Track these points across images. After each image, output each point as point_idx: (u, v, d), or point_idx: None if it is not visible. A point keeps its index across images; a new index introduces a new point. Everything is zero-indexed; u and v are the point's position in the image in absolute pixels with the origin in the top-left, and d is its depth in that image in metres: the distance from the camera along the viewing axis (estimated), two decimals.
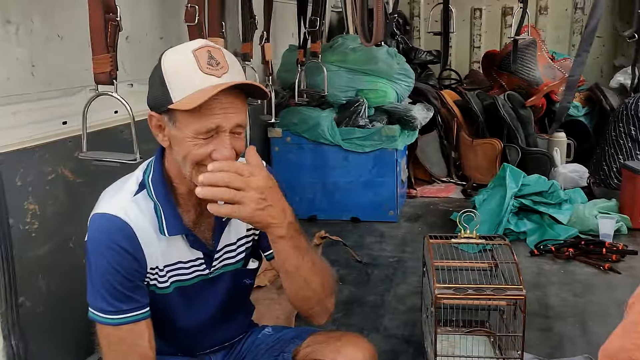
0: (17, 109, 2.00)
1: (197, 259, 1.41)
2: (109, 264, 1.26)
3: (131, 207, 1.30)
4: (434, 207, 4.42)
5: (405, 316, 2.68)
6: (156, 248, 1.34)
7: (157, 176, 1.35)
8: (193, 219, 1.39)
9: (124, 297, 1.27)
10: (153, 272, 1.36)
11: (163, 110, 1.23)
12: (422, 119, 4.01)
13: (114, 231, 1.26)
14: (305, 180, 4.08)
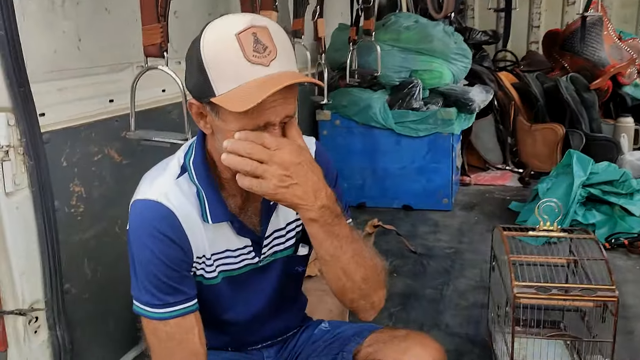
0: (63, 84, 1.89)
1: (245, 246, 1.30)
2: (153, 254, 1.16)
3: (174, 192, 1.19)
4: (489, 195, 4.18)
5: (467, 313, 2.49)
6: (202, 235, 1.23)
7: (198, 158, 1.23)
8: (239, 204, 1.27)
9: (170, 289, 1.18)
10: (200, 261, 1.25)
11: (205, 101, 1.11)
12: (481, 102, 3.76)
13: (157, 218, 1.16)
14: (355, 166, 3.91)
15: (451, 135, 3.72)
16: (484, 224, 3.58)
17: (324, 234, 1.15)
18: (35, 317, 1.53)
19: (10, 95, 1.40)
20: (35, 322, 1.53)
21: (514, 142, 4.68)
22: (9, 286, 1.47)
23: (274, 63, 1.06)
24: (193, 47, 1.11)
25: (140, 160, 2.08)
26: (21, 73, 1.41)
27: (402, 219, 3.72)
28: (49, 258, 1.52)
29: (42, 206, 1.49)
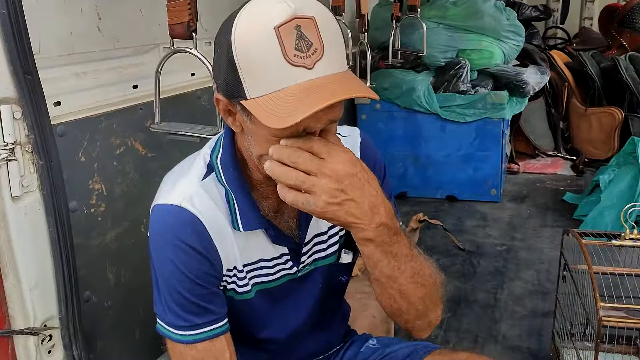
0: (80, 69, 1.70)
1: (281, 255, 1.15)
2: (176, 268, 1.03)
3: (199, 195, 1.05)
4: (540, 185, 3.89)
5: (527, 322, 2.25)
6: (232, 244, 1.09)
7: (226, 156, 1.08)
8: (273, 207, 1.12)
9: (196, 309, 1.06)
10: (231, 274, 1.11)
11: (234, 101, 0.96)
12: (535, 84, 3.46)
13: (180, 226, 1.03)
14: (396, 153, 3.66)
15: (502, 120, 3.43)
16: (537, 217, 3.30)
17: (380, 254, 1.01)
18: (49, 335, 1.35)
19: (15, 84, 1.21)
20: (48, 341, 1.36)
21: (567, 127, 4.37)
22: (18, 302, 1.29)
23: (319, 65, 0.87)
24: (223, 33, 0.92)
25: (167, 153, 1.89)
26: (27, 58, 1.21)
27: (446, 210, 3.47)
28: (63, 269, 1.34)
29: (54, 211, 1.31)
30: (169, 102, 1.95)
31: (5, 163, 1.21)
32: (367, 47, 2.74)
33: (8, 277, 1.27)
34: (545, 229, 3.14)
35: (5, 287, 1.27)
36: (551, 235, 3.03)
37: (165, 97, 1.95)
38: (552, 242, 2.95)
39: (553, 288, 2.31)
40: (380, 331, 2.15)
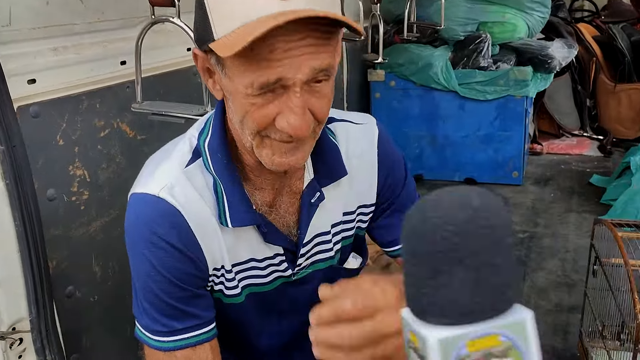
0: (59, 43, 1.54)
1: (275, 255, 1.01)
2: (152, 267, 0.91)
3: (181, 184, 0.92)
4: (565, 167, 3.68)
5: (552, 318, 2.07)
6: (219, 241, 0.95)
7: (216, 140, 0.94)
8: (268, 201, 0.98)
9: (176, 312, 0.93)
10: (218, 274, 0.98)
11: (205, 48, 0.84)
12: (562, 59, 3.23)
13: (157, 219, 0.90)
14: (411, 133, 3.47)
15: (525, 98, 3.23)
16: (562, 202, 3.10)
17: None
18: (18, 339, 1.22)
19: None
20: (18, 345, 1.23)
21: (594, 105, 4.15)
22: None
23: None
24: None
25: (159, 135, 1.74)
26: None
27: None
28: (32, 267, 1.20)
29: (20, 201, 1.17)
30: (160, 80, 1.79)
31: None
32: (380, 20, 2.54)
33: None
34: (570, 214, 2.94)
35: None
36: (577, 222, 2.84)
37: (158, 73, 1.80)
38: (578, 228, 2.76)
39: (580, 279, 2.13)
40: None
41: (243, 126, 0.85)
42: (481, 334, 0.46)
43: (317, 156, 1.00)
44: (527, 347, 0.45)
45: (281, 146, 0.84)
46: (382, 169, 1.06)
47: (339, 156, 1.01)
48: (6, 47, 1.39)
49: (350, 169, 1.02)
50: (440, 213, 0.48)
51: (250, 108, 0.81)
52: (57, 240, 1.48)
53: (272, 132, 0.83)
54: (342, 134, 1.04)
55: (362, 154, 1.05)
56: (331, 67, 0.81)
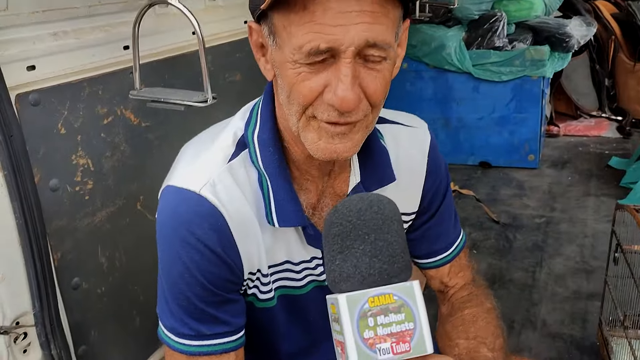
0: (59, 27, 1.49)
1: (312, 258, 0.97)
2: (186, 269, 0.87)
3: (224, 181, 0.87)
4: (583, 149, 3.59)
5: (569, 306, 2.02)
6: (258, 243, 0.91)
7: (266, 133, 0.89)
8: (312, 203, 0.94)
9: (206, 317, 0.89)
10: (253, 278, 0.94)
11: (261, 16, 0.81)
12: (580, 38, 3.13)
13: (196, 219, 0.85)
14: (424, 116, 3.29)
15: (542, 79, 3.14)
16: (580, 185, 3.03)
17: None
18: (23, 333, 1.20)
19: None
20: (23, 339, 1.20)
21: (613, 85, 4.04)
22: None
23: None
24: None
25: (165, 121, 1.69)
26: None
27: (479, 178, 3.22)
28: (34, 260, 1.17)
29: (19, 193, 1.13)
30: (164, 64, 1.74)
31: None
32: None
33: None
34: (589, 198, 2.87)
35: None
36: (596, 205, 2.77)
37: (162, 58, 1.75)
38: (596, 212, 2.69)
39: (599, 266, 2.08)
40: None
41: (290, 103, 0.80)
42: (379, 293, 0.60)
43: (365, 159, 0.95)
44: (415, 305, 0.60)
45: (328, 129, 0.79)
46: (430, 176, 1.02)
47: (389, 161, 0.96)
48: (4, 33, 1.34)
49: (398, 174, 0.97)
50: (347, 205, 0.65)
51: (297, 78, 0.77)
52: (62, 231, 1.44)
53: (320, 111, 0.78)
54: (392, 137, 0.99)
55: (411, 160, 1.00)
56: (388, 46, 0.75)
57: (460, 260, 1.12)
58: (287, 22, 0.75)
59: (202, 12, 1.98)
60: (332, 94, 0.75)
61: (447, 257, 1.09)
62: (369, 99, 0.78)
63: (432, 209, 1.06)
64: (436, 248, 1.08)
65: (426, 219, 1.07)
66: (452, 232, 1.10)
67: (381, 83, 0.77)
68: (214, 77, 1.72)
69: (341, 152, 0.80)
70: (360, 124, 0.80)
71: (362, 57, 0.75)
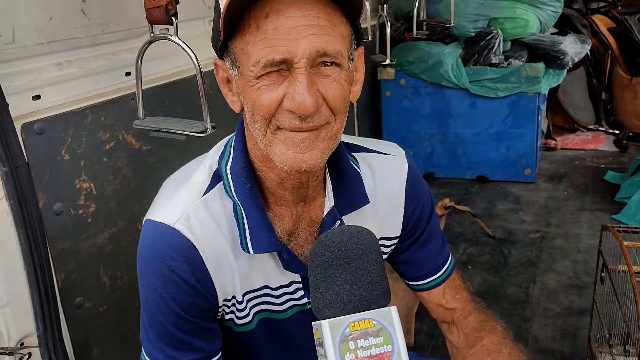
0: (63, 58, 1.56)
1: (291, 283, 0.99)
2: (162, 299, 0.91)
3: (199, 214, 0.91)
4: (579, 162, 3.62)
5: (561, 322, 2.06)
6: (233, 273, 0.94)
7: (238, 164, 0.93)
8: (288, 229, 0.97)
9: (181, 344, 0.93)
10: (229, 304, 0.97)
11: (223, 50, 0.88)
12: (575, 55, 3.17)
13: (170, 253, 0.89)
14: (422, 131, 3.45)
15: (537, 95, 3.18)
16: (576, 200, 3.06)
17: None
18: (27, 354, 1.25)
19: None
20: (27, 359, 1.25)
21: (610, 99, 4.07)
22: None
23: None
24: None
25: (165, 145, 1.75)
26: None
27: (476, 192, 3.26)
28: (38, 284, 1.22)
29: (24, 221, 1.18)
30: (164, 90, 1.80)
31: None
32: (387, 20, 2.52)
33: None
34: (583, 213, 2.91)
35: None
36: (590, 221, 2.81)
37: (162, 83, 1.81)
38: (591, 228, 2.72)
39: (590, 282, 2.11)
40: None
41: (254, 121, 0.85)
42: (359, 318, 0.65)
43: (338, 183, 0.99)
44: (393, 329, 0.64)
45: (294, 137, 0.83)
46: (409, 203, 1.05)
47: (361, 184, 1.00)
48: (10, 65, 1.41)
49: (374, 199, 1.00)
50: (329, 237, 0.70)
51: (257, 93, 0.82)
52: (66, 253, 1.50)
53: (282, 119, 0.82)
54: (366, 164, 1.03)
55: (388, 186, 1.03)
56: (339, 55, 0.81)
57: (454, 282, 1.13)
58: (244, 44, 0.81)
59: (201, 36, 2.04)
60: (290, 100, 0.80)
61: (438, 279, 1.11)
62: (329, 105, 0.82)
63: (416, 233, 1.08)
64: (425, 271, 1.10)
65: (410, 243, 1.09)
66: (440, 255, 1.11)
67: (339, 89, 0.82)
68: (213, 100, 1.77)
69: (309, 161, 0.84)
70: (324, 132, 0.84)
71: (315, 67, 0.80)
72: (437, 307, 1.12)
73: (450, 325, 1.12)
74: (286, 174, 0.90)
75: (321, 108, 0.82)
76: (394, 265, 1.14)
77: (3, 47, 1.38)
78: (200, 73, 1.26)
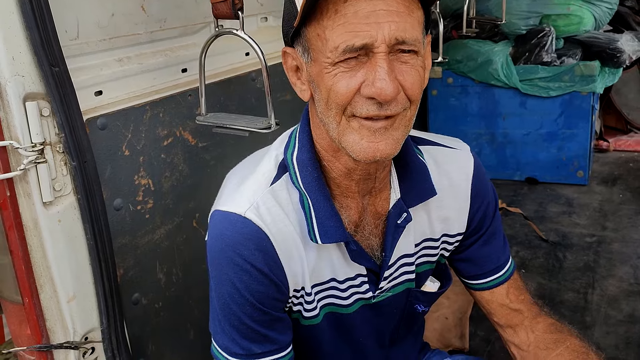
0: (123, 54, 1.57)
1: (357, 276, 0.99)
2: (236, 290, 0.91)
3: (268, 203, 0.91)
4: (634, 165, 3.50)
5: (624, 330, 1.97)
6: (302, 263, 0.94)
7: (305, 154, 0.93)
8: (354, 219, 0.96)
9: (256, 336, 0.93)
10: (298, 295, 0.97)
11: (294, 37, 0.85)
12: (632, 53, 3.05)
13: (242, 241, 0.89)
14: (469, 131, 3.38)
15: (591, 94, 3.07)
16: (633, 203, 2.95)
17: None
18: (91, 348, 1.25)
19: (41, 77, 1.08)
20: (91, 354, 1.26)
21: None
22: (56, 315, 1.20)
23: None
24: None
25: (221, 142, 1.75)
26: (53, 47, 1.08)
27: (525, 194, 3.17)
28: (103, 279, 1.22)
29: (91, 215, 1.19)
30: (220, 87, 1.79)
31: (34, 166, 1.10)
32: (439, 16, 2.47)
33: (44, 288, 1.17)
34: None
35: (42, 300, 1.17)
36: None
37: (216, 81, 1.80)
38: None
39: None
40: (454, 335, 1.95)
41: (329, 109, 0.83)
42: None
43: (404, 175, 0.97)
44: None
45: (369, 126, 0.82)
46: (475, 199, 1.03)
47: (428, 175, 0.98)
48: (75, 60, 1.41)
49: (439, 192, 0.99)
50: None
51: (334, 80, 0.80)
52: (124, 249, 1.51)
53: (359, 106, 0.81)
54: (431, 157, 1.01)
55: (454, 180, 1.02)
56: (417, 42, 0.80)
57: (517, 282, 1.11)
58: (321, 30, 0.79)
59: (255, 33, 2.03)
60: (369, 87, 0.79)
61: (501, 278, 1.09)
62: (406, 93, 0.81)
63: (480, 230, 1.07)
64: (488, 269, 1.09)
65: (474, 240, 1.08)
66: (502, 253, 1.10)
67: (416, 77, 0.81)
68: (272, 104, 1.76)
69: (383, 150, 0.82)
70: (399, 120, 0.83)
71: (394, 53, 0.79)
72: (500, 308, 1.09)
73: (517, 328, 1.09)
74: (354, 164, 0.89)
75: (398, 96, 0.81)
76: (454, 263, 1.12)
77: (68, 43, 1.39)
78: (266, 68, 1.25)
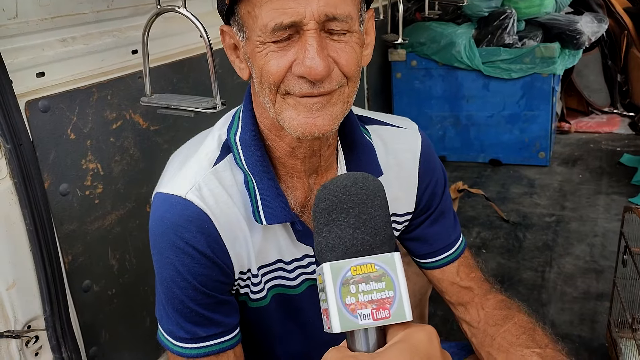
0: (67, 34, 1.51)
1: (304, 256, 0.97)
2: (178, 273, 0.88)
3: (210, 184, 0.89)
4: (594, 146, 3.55)
5: (578, 306, 2.01)
6: (248, 245, 0.92)
7: (248, 133, 0.90)
8: (300, 199, 0.94)
9: (200, 319, 0.91)
10: (244, 277, 0.95)
11: (229, 15, 0.84)
12: (591, 34, 3.09)
13: (183, 224, 0.86)
14: (433, 114, 3.39)
15: (552, 76, 3.10)
16: (591, 183, 3.00)
17: None
18: (34, 337, 1.22)
19: None
20: (34, 343, 1.22)
21: (625, 80, 3.99)
22: None
23: None
24: None
25: (173, 125, 1.71)
26: None
27: (489, 176, 3.20)
28: (44, 265, 1.19)
29: (29, 200, 1.15)
30: (173, 68, 1.75)
31: None
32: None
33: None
34: (599, 196, 2.85)
35: None
36: (606, 204, 2.75)
37: (170, 62, 1.76)
38: (607, 211, 2.67)
39: (609, 266, 2.07)
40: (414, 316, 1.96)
41: (263, 88, 0.81)
42: (361, 262, 0.61)
43: (351, 154, 0.96)
44: (395, 275, 0.61)
45: (305, 102, 0.80)
46: (423, 178, 1.02)
47: (374, 155, 0.97)
48: (13, 40, 1.36)
49: (386, 172, 0.97)
50: (333, 182, 0.66)
51: (265, 59, 0.78)
52: (73, 235, 1.47)
53: (292, 85, 0.79)
54: (378, 137, 1.00)
55: (401, 159, 1.00)
56: (349, 18, 0.77)
57: (468, 260, 1.10)
58: (251, 7, 0.77)
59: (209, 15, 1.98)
60: (300, 65, 0.77)
61: (451, 256, 1.08)
62: (341, 69, 0.79)
63: (429, 209, 1.06)
64: (437, 247, 1.08)
65: (423, 219, 1.07)
66: (453, 231, 1.09)
67: (351, 53, 0.79)
68: (222, 79, 1.72)
69: (321, 126, 0.81)
70: (336, 97, 0.81)
71: (326, 31, 0.77)
72: (451, 286, 1.09)
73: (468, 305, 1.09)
74: (297, 142, 0.87)
75: (332, 73, 0.78)
76: (405, 242, 1.11)
77: (6, 22, 1.34)
78: (209, 47, 1.22)
